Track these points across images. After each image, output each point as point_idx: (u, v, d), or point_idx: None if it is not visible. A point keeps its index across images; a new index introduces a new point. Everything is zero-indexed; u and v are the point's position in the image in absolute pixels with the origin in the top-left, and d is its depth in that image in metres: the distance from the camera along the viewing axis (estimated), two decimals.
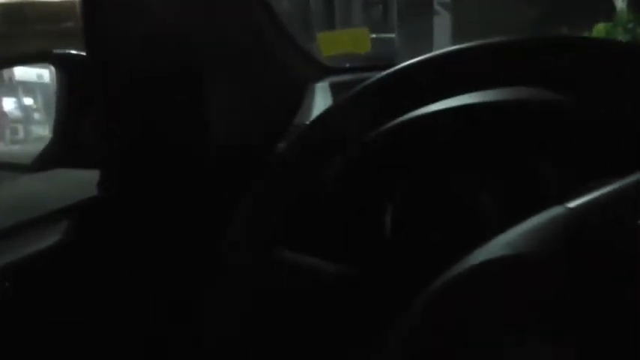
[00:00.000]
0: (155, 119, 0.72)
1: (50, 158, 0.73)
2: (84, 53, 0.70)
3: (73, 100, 0.70)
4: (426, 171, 0.65)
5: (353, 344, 0.53)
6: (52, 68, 0.86)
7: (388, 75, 0.55)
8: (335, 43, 0.87)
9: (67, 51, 0.72)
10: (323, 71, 0.89)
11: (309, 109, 0.80)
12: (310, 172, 0.57)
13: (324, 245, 0.57)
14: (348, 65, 0.93)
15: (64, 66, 0.70)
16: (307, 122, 0.77)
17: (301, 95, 0.82)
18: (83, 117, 0.73)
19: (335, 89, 0.83)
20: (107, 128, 0.72)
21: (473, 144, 0.64)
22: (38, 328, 0.60)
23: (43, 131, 0.90)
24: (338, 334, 0.55)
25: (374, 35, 0.97)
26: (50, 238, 0.62)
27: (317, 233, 0.60)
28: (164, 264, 0.70)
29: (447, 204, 0.64)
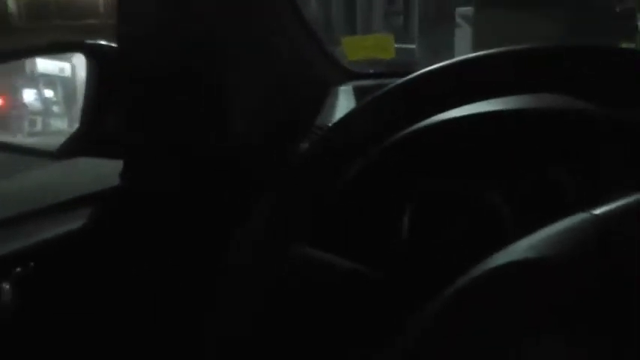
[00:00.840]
0: (178, 113, 0.73)
1: (75, 147, 0.74)
2: (115, 45, 0.71)
3: (101, 91, 0.72)
4: (444, 175, 0.66)
5: (364, 344, 0.54)
6: (74, 62, 0.87)
7: (410, 80, 0.56)
8: (359, 47, 0.88)
9: (99, 41, 0.73)
10: (346, 75, 0.90)
11: (332, 111, 0.80)
12: (330, 172, 0.58)
13: (341, 244, 0.58)
14: (371, 71, 0.93)
15: (94, 56, 0.71)
16: (329, 124, 0.77)
17: (324, 97, 0.82)
18: (110, 108, 0.74)
19: (358, 93, 0.84)
20: (131, 120, 0.73)
21: (493, 150, 0.64)
22: (58, 307, 0.61)
23: (62, 124, 0.92)
24: (350, 333, 0.55)
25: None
26: (74, 223, 0.63)
27: (335, 232, 0.60)
28: (180, 257, 0.71)
29: (465, 209, 0.65)
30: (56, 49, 0.85)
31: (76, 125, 0.77)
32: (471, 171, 0.65)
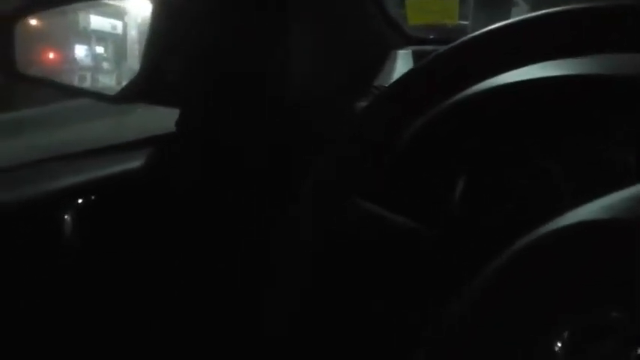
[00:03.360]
0: (239, 64, 0.73)
1: (134, 92, 0.75)
2: None
3: (163, 36, 0.72)
4: (500, 139, 0.64)
5: (414, 302, 0.54)
6: (126, 20, 0.88)
7: (467, 40, 0.55)
8: (423, 10, 0.86)
9: None
10: (406, 40, 0.89)
11: (390, 74, 0.80)
12: (388, 130, 0.58)
13: (397, 200, 0.58)
14: (431, 37, 0.92)
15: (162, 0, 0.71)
16: (387, 85, 0.77)
17: (383, 59, 0.82)
18: (171, 55, 0.75)
19: (417, 58, 0.83)
20: (190, 69, 0.74)
21: (553, 116, 0.63)
22: (116, 241, 0.63)
23: (110, 81, 0.93)
24: (400, 290, 0.55)
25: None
26: (133, 163, 0.65)
27: (391, 188, 0.60)
28: (236, 209, 0.72)
29: (521, 175, 0.64)
30: None
31: (124, 83, 0.78)
32: (528, 136, 0.63)
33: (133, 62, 0.84)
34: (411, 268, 0.54)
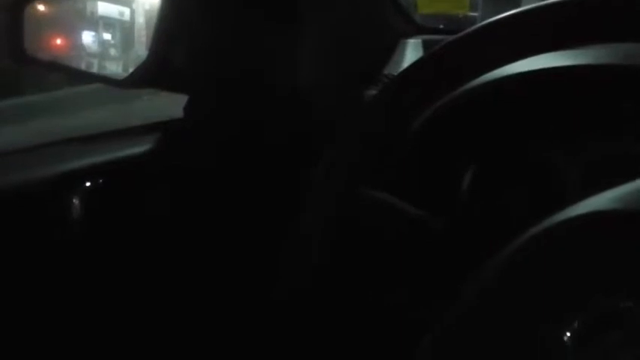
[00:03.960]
0: (247, 52, 0.73)
1: (143, 77, 0.75)
2: None
3: (174, 23, 0.72)
4: (509, 131, 0.64)
5: (421, 289, 0.54)
6: (134, 7, 0.87)
7: (477, 29, 0.55)
8: (433, 0, 0.86)
9: None
10: (416, 29, 0.89)
11: (400, 62, 0.79)
12: (397, 118, 0.58)
13: (405, 190, 0.58)
14: (441, 26, 0.91)
15: None
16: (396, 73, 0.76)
17: (393, 48, 0.81)
18: (180, 41, 0.74)
19: (427, 47, 0.82)
20: (199, 56, 0.73)
21: (562, 108, 0.62)
22: (122, 223, 0.63)
23: (117, 68, 0.93)
24: (408, 278, 0.55)
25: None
26: (141, 147, 0.65)
27: (400, 178, 0.60)
28: (242, 195, 0.72)
29: (529, 167, 0.63)
30: None
31: (131, 70, 0.78)
32: (536, 129, 0.63)
33: (140, 49, 0.84)
34: (419, 257, 0.54)
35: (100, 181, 0.62)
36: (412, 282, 0.54)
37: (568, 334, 0.36)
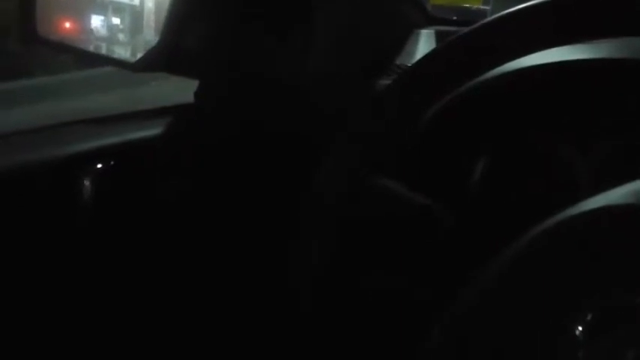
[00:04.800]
0: (259, 38, 0.73)
1: (154, 61, 0.75)
2: None
3: (187, 7, 0.71)
4: (521, 124, 0.64)
5: (430, 279, 0.54)
6: None
7: (491, 21, 0.54)
8: None
9: None
10: (428, 19, 0.88)
11: (412, 52, 0.79)
12: (410, 109, 0.58)
13: (416, 180, 0.58)
14: (454, 18, 0.91)
15: None
16: (409, 64, 0.76)
17: (405, 38, 0.81)
18: (192, 25, 0.74)
19: (440, 38, 0.82)
20: (212, 42, 0.73)
21: (575, 101, 0.62)
22: (132, 206, 0.63)
23: (125, 53, 0.92)
24: (417, 267, 0.55)
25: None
26: (153, 130, 0.65)
27: (411, 168, 0.60)
28: (249, 184, 0.72)
29: (539, 160, 0.63)
30: None
31: (139, 55, 0.77)
32: (548, 122, 0.63)
33: (149, 34, 0.83)
34: (428, 246, 0.54)
35: (111, 163, 0.62)
36: (419, 271, 0.54)
37: (580, 327, 0.36)
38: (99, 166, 0.63)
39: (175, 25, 0.72)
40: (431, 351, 0.41)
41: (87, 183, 0.61)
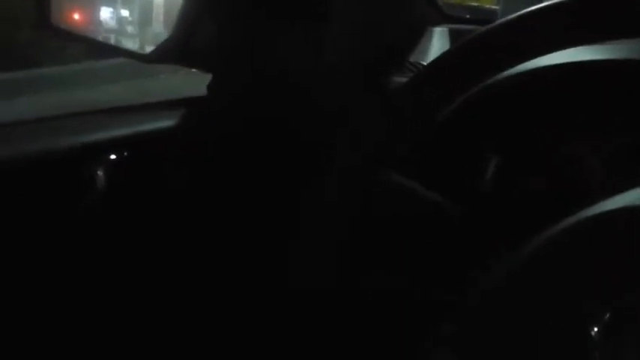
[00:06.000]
0: (273, 34, 0.72)
1: (167, 53, 0.75)
2: None
3: (201, 1, 0.71)
4: (533, 123, 0.64)
5: (440, 276, 0.54)
6: None
7: (506, 22, 0.54)
8: None
9: None
10: (442, 18, 0.88)
11: (427, 50, 0.79)
12: (426, 106, 0.58)
13: (428, 176, 0.57)
14: (467, 16, 0.91)
15: None
16: (423, 62, 0.76)
17: (419, 36, 0.81)
18: (205, 19, 0.74)
19: (454, 36, 0.82)
20: (223, 36, 0.73)
21: (588, 101, 0.62)
22: (145, 197, 0.63)
23: (133, 45, 0.92)
24: (427, 263, 0.55)
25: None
26: (166, 121, 0.65)
27: (424, 164, 0.60)
28: (256, 181, 0.72)
29: (552, 159, 0.63)
30: None
31: (148, 48, 0.77)
32: (562, 121, 0.63)
33: (158, 27, 0.83)
34: (439, 243, 0.54)
35: (125, 154, 0.62)
36: (428, 269, 0.54)
37: (595, 328, 0.36)
38: (112, 156, 0.63)
39: (189, 17, 0.72)
40: (440, 346, 0.41)
41: (100, 172, 0.62)
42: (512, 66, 0.57)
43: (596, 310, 0.36)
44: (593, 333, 0.35)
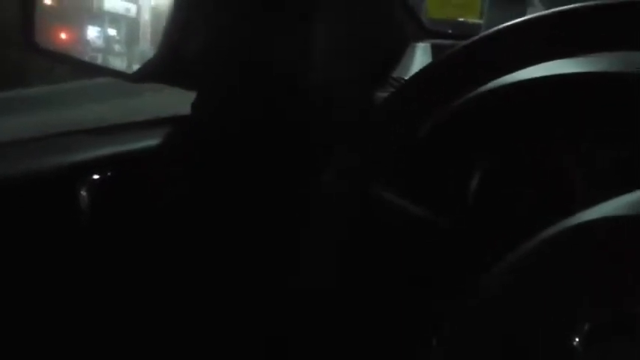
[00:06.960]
0: (258, 50, 0.73)
1: (152, 72, 0.75)
2: None
3: (187, 17, 0.72)
4: (518, 135, 0.64)
5: (430, 290, 0.54)
6: (140, 3, 0.87)
7: (487, 36, 0.55)
8: (444, 5, 0.86)
9: None
10: (424, 33, 0.89)
11: (409, 65, 0.80)
12: (407, 122, 0.58)
13: (414, 191, 0.58)
14: (449, 31, 0.92)
15: None
16: (405, 77, 0.77)
17: (402, 51, 0.82)
18: (192, 36, 0.74)
19: (436, 51, 0.83)
20: (211, 53, 0.74)
21: (573, 113, 0.62)
22: (129, 217, 0.63)
23: (120, 64, 0.93)
24: (416, 278, 0.55)
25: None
26: (151, 141, 0.65)
27: (409, 179, 0.60)
28: (248, 193, 0.72)
29: (537, 171, 0.64)
30: None
31: (135, 67, 0.78)
32: (545, 133, 0.63)
33: (145, 45, 0.84)
34: (428, 257, 0.54)
35: (108, 174, 0.62)
36: (420, 280, 0.55)
37: (577, 338, 0.36)
38: (95, 176, 0.63)
39: (173, 37, 0.72)
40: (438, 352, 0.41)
41: (84, 193, 0.62)
42: (493, 79, 0.57)
43: (579, 320, 0.36)
44: (575, 343, 0.36)
